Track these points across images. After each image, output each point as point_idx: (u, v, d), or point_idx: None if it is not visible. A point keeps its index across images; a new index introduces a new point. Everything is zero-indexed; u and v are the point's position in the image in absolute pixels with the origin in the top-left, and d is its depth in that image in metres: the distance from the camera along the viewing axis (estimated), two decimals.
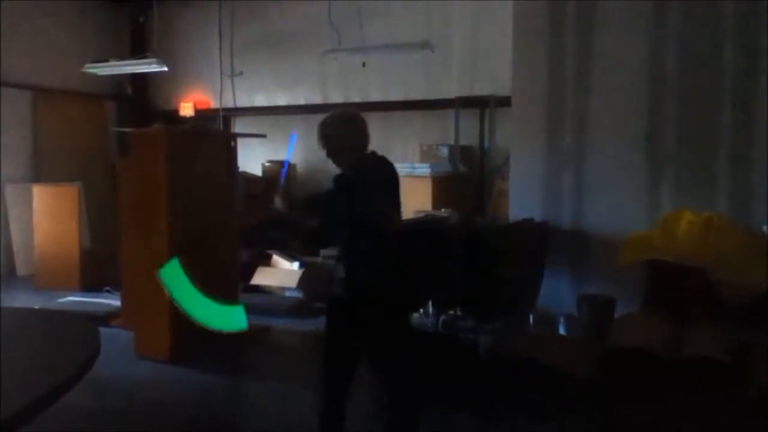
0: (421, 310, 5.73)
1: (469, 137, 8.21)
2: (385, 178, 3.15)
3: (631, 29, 5.45)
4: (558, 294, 5.59)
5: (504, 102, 6.89)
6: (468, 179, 8.14)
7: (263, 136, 7.87)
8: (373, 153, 3.19)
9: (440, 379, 4.27)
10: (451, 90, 8.17)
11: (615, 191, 5.54)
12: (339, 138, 3.10)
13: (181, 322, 5.19)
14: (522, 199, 5.92)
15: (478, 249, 4.77)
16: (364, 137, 3.15)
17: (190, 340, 5.27)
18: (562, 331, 5.37)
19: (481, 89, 7.96)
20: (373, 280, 3.03)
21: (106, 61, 8.74)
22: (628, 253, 4.81)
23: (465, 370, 4.39)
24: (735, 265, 4.36)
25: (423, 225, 5.58)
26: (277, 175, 9.27)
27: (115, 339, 5.13)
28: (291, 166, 9.39)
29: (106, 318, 5.89)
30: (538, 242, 5.55)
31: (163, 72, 8.60)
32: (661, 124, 5.39)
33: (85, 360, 2.56)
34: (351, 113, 3.22)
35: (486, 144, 8.12)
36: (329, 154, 3.13)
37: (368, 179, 3.06)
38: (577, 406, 3.75)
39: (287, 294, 7.28)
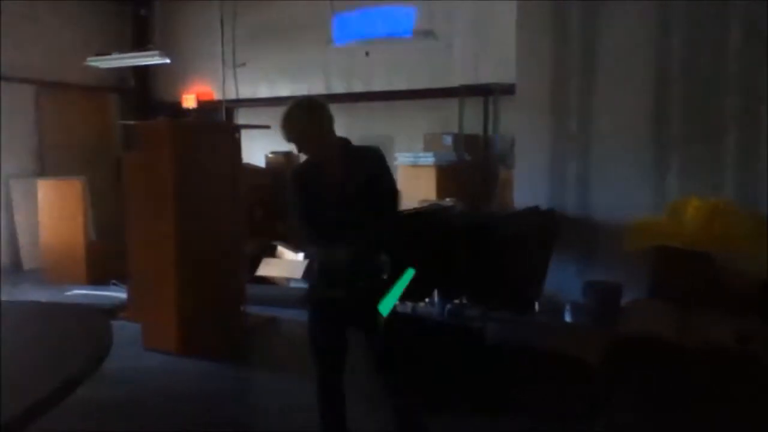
0: (427, 300, 5.73)
1: (473, 126, 8.16)
2: (352, 166, 3.00)
3: (636, 13, 5.40)
4: (565, 281, 5.58)
5: (508, 90, 6.83)
6: (473, 168, 8.11)
7: (267, 127, 7.83)
8: (343, 141, 3.08)
9: (445, 368, 4.26)
10: (455, 78, 8.12)
11: (621, 178, 5.51)
12: (298, 127, 2.95)
13: (188, 314, 5.21)
14: (527, 187, 5.91)
15: (483, 238, 4.76)
16: (322, 125, 2.98)
17: (198, 332, 5.29)
18: (568, 318, 5.36)
19: (485, 77, 7.90)
20: (339, 273, 2.93)
21: (109, 54, 8.73)
22: (636, 239, 4.80)
23: (470, 359, 4.38)
24: (741, 251, 4.35)
25: (427, 214, 5.57)
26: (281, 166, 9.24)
27: (122, 332, 5.13)
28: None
29: (113, 311, 5.90)
30: (544, 230, 5.54)
31: (166, 64, 8.59)
32: (667, 110, 5.35)
33: (99, 354, 2.56)
34: (308, 100, 3.09)
35: (490, 132, 8.09)
36: (294, 144, 3.00)
37: (325, 169, 3.00)
38: (583, 394, 3.74)
39: (292, 285, 7.28)
